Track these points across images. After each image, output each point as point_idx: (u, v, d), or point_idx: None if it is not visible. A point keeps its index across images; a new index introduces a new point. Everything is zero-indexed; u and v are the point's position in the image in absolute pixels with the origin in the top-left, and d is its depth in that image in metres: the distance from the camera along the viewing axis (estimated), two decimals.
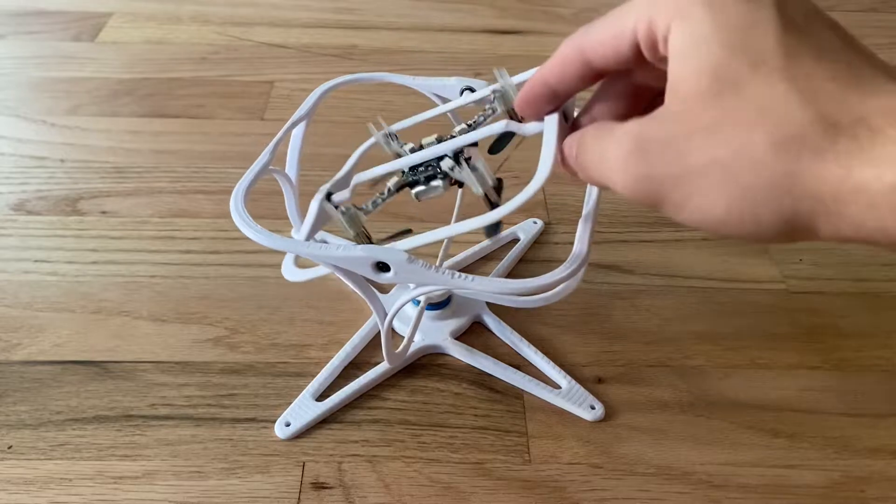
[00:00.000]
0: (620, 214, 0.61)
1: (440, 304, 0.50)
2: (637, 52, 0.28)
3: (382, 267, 0.35)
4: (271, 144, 0.42)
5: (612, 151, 0.28)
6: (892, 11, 0.97)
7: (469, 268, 0.56)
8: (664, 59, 0.27)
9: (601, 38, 0.29)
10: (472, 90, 0.44)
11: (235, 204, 0.37)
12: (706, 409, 0.47)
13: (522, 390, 0.47)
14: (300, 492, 0.41)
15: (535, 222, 0.59)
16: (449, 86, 0.45)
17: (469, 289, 0.35)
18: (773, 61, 0.24)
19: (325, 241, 0.36)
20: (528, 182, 0.32)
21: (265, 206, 0.53)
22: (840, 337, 0.52)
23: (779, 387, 0.48)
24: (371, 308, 0.41)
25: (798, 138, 0.24)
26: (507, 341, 0.50)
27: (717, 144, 0.25)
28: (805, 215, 0.24)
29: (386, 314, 0.41)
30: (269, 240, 0.35)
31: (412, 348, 0.49)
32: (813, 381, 0.49)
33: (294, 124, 0.45)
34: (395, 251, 0.35)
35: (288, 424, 0.44)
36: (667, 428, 0.46)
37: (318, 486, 0.42)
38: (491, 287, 0.35)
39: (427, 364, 0.49)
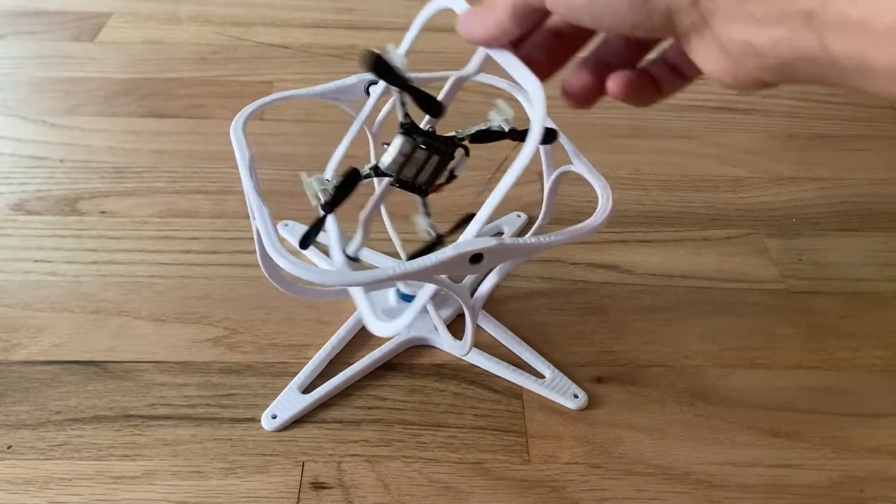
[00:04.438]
0: (620, 214, 0.61)
1: None
2: None
3: (476, 259, 0.35)
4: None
5: None
6: None
7: None
8: None
9: None
10: (374, 83, 0.43)
11: (268, 237, 0.35)
12: (706, 409, 0.47)
13: (512, 382, 0.47)
14: (299, 491, 0.41)
15: (519, 216, 0.59)
16: (350, 86, 0.43)
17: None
18: None
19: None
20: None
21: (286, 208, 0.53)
22: (840, 337, 0.52)
23: (778, 387, 0.48)
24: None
25: None
26: (492, 333, 0.50)
27: None
28: None
29: None
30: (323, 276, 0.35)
31: (398, 340, 0.49)
32: (812, 381, 0.49)
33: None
34: (486, 240, 0.35)
35: (274, 417, 0.45)
36: (666, 428, 0.46)
37: (318, 485, 0.42)
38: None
39: (426, 364, 0.49)
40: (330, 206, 0.36)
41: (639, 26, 0.28)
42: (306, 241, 0.38)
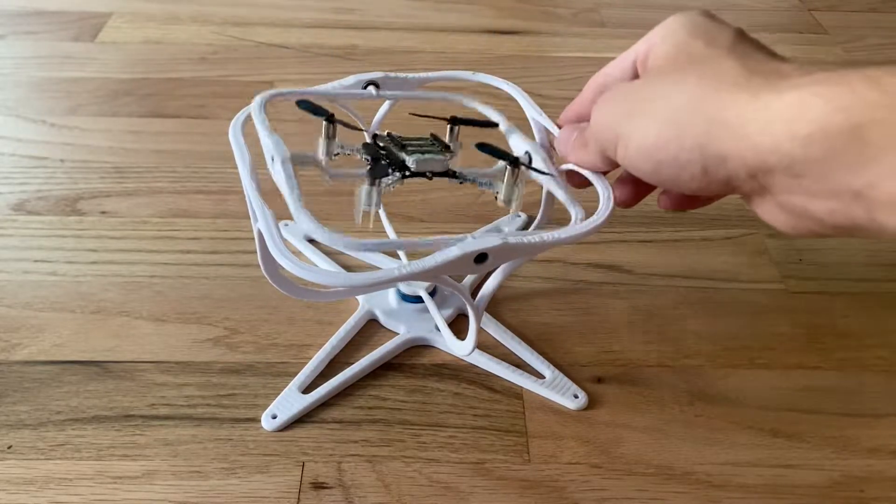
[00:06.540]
0: (620, 214, 0.61)
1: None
2: (634, 68, 0.36)
3: (480, 258, 0.35)
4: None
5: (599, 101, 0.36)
6: (892, 11, 0.97)
7: None
8: None
9: (613, 65, 0.37)
10: (376, 85, 0.43)
11: (274, 241, 0.35)
12: (706, 409, 0.47)
13: (512, 382, 0.47)
14: (300, 491, 0.41)
15: (519, 215, 0.59)
16: (349, 86, 0.43)
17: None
18: (724, 44, 0.32)
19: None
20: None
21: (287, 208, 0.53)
22: (840, 337, 0.52)
23: (778, 387, 0.48)
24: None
25: (721, 75, 0.30)
26: (492, 333, 0.50)
27: (667, 84, 0.32)
28: (717, 140, 0.29)
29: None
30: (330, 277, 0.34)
31: (398, 340, 0.49)
32: (813, 381, 0.49)
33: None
34: (491, 239, 0.35)
35: (275, 416, 0.45)
36: (666, 428, 0.46)
37: (318, 485, 0.42)
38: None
39: (426, 364, 0.49)
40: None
41: (700, 191, 0.31)
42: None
